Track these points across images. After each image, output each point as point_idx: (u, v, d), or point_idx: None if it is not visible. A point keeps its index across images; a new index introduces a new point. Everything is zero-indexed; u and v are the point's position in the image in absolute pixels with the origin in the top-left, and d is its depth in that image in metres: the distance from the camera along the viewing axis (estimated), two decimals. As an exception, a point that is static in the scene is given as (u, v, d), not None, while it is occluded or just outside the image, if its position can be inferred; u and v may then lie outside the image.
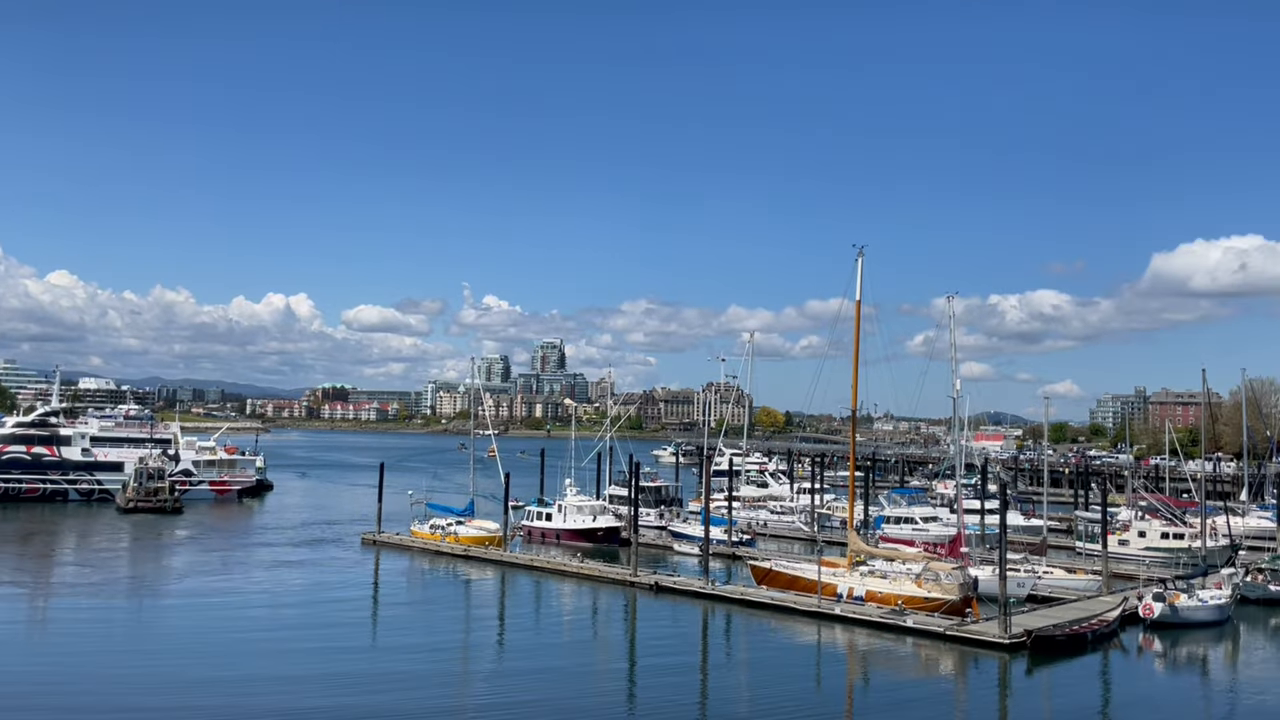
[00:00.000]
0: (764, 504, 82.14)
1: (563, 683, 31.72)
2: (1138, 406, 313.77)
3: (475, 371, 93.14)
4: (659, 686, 31.88)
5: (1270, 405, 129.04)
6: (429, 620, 41.81)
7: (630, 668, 35.32)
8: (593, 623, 43.66)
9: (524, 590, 49.76)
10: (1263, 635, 43.76)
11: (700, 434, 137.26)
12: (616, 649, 38.57)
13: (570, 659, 35.63)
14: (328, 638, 37.47)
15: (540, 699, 29.33)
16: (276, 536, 67.46)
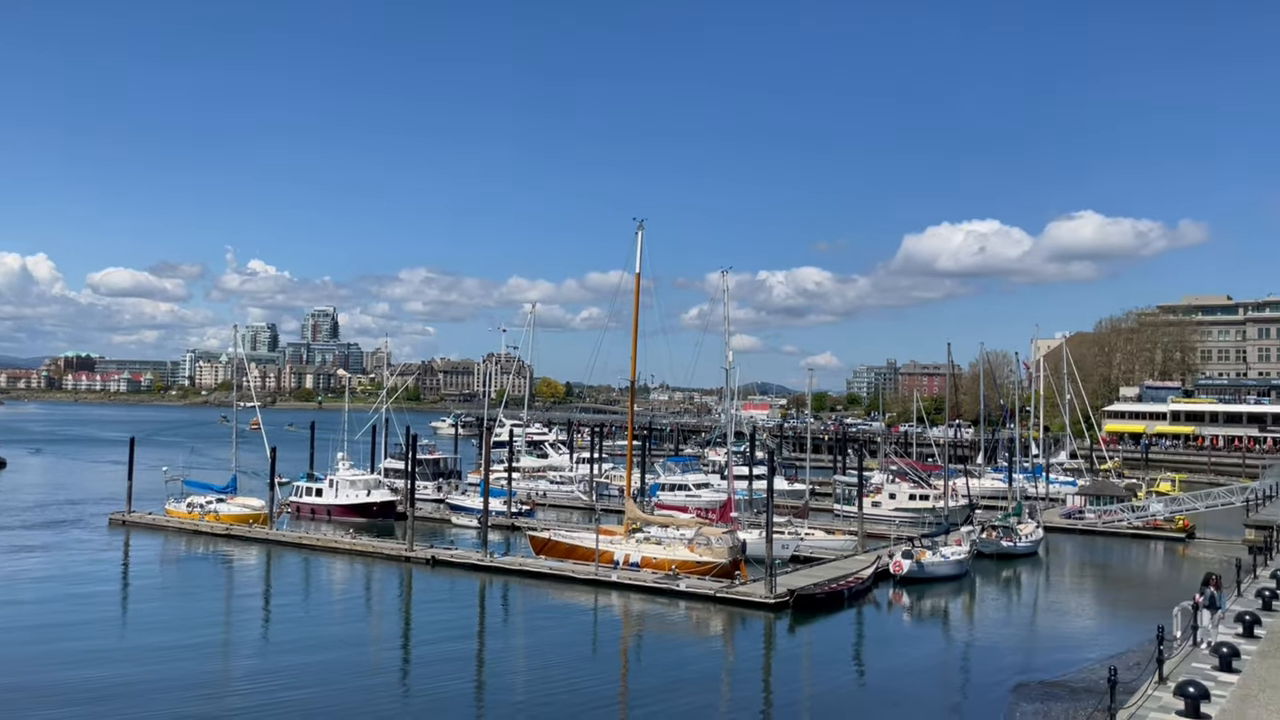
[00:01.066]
0: (543, 474, 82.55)
1: (334, 664, 30.59)
2: (889, 377, 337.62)
3: (239, 340, 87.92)
4: (435, 661, 31.38)
5: (1004, 376, 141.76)
6: (185, 607, 39.08)
7: (405, 644, 34.59)
8: (366, 600, 42.44)
9: (292, 570, 47.68)
10: (995, 586, 48.18)
11: (480, 405, 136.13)
12: (391, 626, 37.67)
13: (342, 639, 34.40)
14: (69, 634, 34.31)
15: (311, 686, 28.14)
16: (10, 519, 61.23)
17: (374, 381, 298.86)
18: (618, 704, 27.61)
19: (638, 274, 49.39)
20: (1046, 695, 27.84)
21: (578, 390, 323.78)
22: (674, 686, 28.60)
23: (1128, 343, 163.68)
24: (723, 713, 27.02)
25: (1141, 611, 39.71)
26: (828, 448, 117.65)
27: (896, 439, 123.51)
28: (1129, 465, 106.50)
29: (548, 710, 26.02)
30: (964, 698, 28.82)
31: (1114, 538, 63.47)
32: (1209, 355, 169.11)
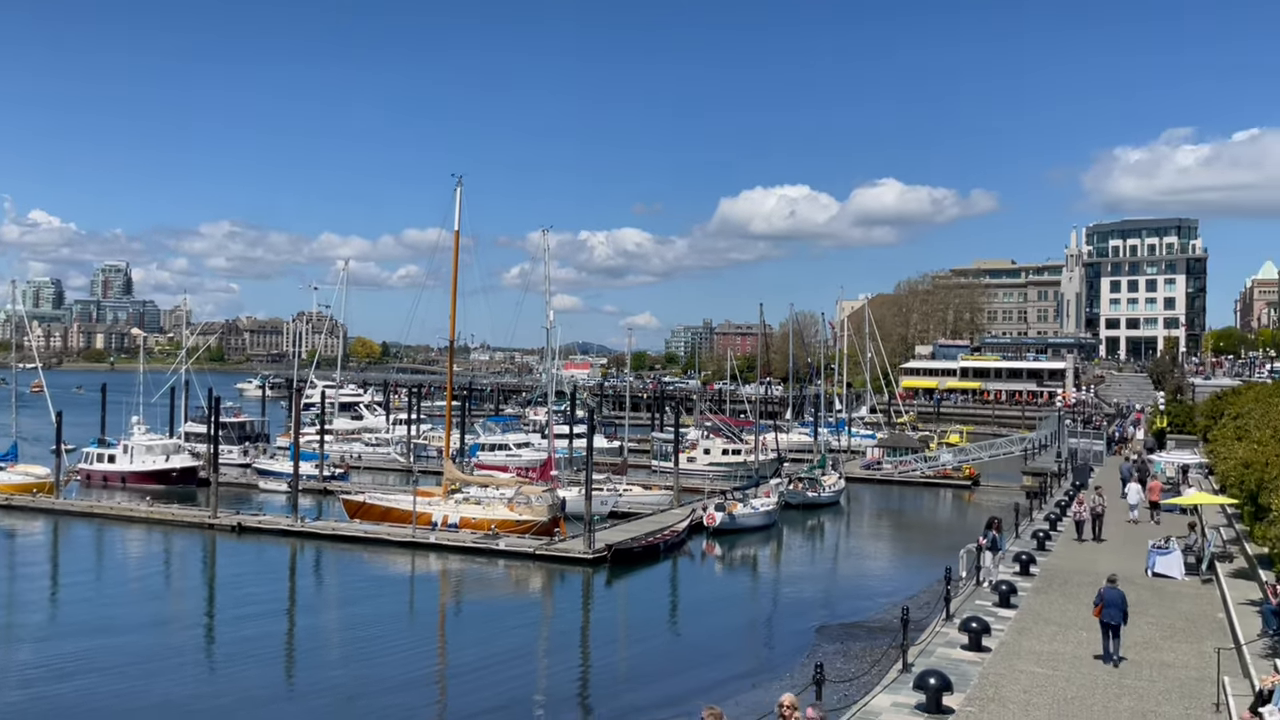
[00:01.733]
0: (358, 437, 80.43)
1: (131, 631, 29.01)
2: (705, 337, 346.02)
3: (18, 297, 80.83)
4: (242, 626, 30.28)
5: (811, 335, 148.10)
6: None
7: (209, 614, 33.20)
8: (166, 570, 40.39)
9: (83, 541, 44.75)
10: (800, 534, 50.64)
11: (290, 366, 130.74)
12: (194, 596, 36.03)
13: (139, 613, 32.58)
14: None
15: (106, 650, 26.62)
16: None
17: (173, 341, 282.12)
18: (436, 665, 27.49)
19: (456, 231, 48.59)
20: (846, 635, 29.62)
21: (395, 350, 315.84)
22: (493, 644, 28.69)
23: (923, 304, 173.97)
24: (542, 668, 27.38)
25: (932, 555, 42.66)
26: (646, 406, 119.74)
27: (711, 396, 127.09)
28: (923, 419, 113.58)
29: (364, 678, 25.60)
30: (771, 641, 30.29)
31: (908, 486, 67.85)
32: (994, 315, 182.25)
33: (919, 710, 16.80)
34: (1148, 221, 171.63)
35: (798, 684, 23.04)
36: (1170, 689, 18.39)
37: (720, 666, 26.68)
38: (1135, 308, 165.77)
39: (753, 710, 21.34)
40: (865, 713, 16.91)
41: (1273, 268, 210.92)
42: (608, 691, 24.98)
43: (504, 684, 24.89)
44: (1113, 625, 20.45)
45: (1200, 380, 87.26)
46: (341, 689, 24.18)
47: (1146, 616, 23.86)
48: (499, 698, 23.75)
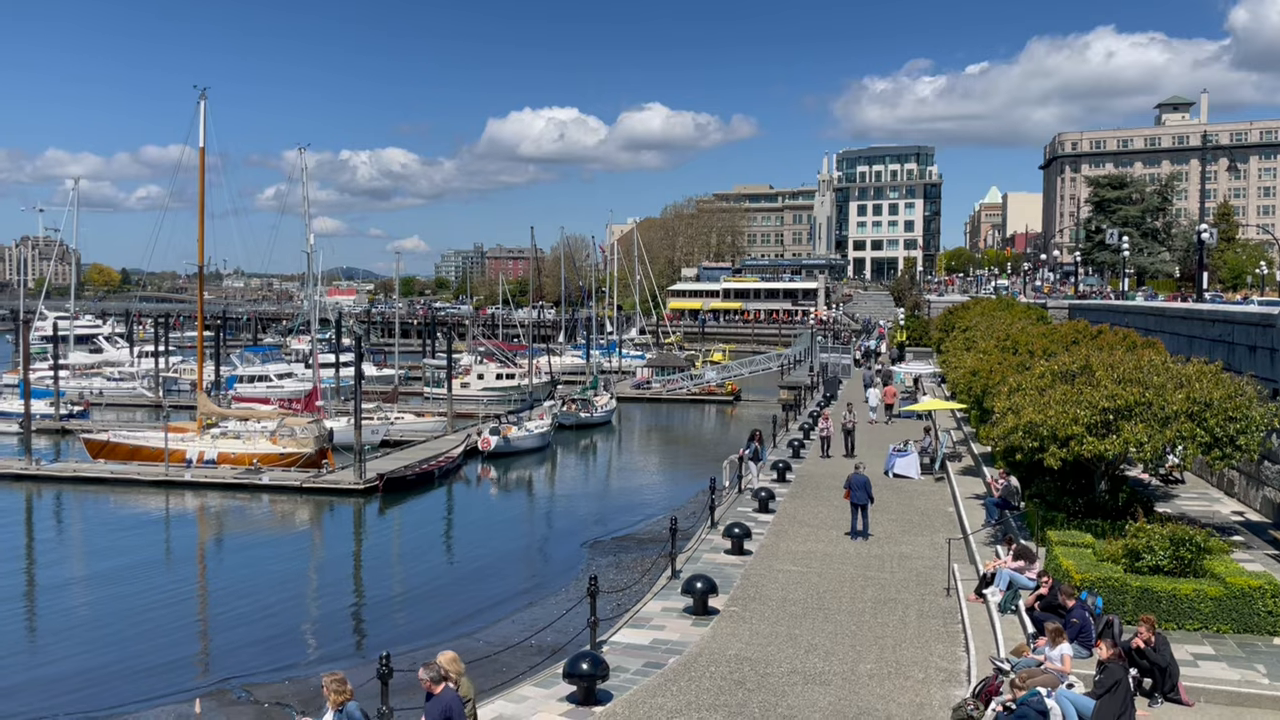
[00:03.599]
0: (99, 371, 74.27)
1: None
2: (477, 261, 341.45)
3: None
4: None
5: (583, 259, 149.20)
6: None
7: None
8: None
9: None
10: (574, 455, 51.60)
11: (15, 295, 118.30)
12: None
13: None
14: None
15: None
16: None
17: None
18: (197, 606, 26.23)
19: (201, 148, 45.15)
20: (619, 548, 30.67)
21: (136, 278, 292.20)
22: (259, 579, 27.71)
23: (689, 227, 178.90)
24: (312, 599, 26.73)
25: (698, 467, 44.67)
26: (417, 332, 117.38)
27: (484, 321, 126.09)
28: (689, 339, 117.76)
29: (115, 614, 24.12)
30: (547, 559, 30.90)
31: (676, 404, 70.45)
32: (754, 238, 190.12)
33: (687, 613, 17.74)
34: (890, 149, 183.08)
35: (572, 598, 23.72)
36: (909, 577, 20.31)
37: (497, 586, 27.02)
38: (879, 230, 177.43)
39: (529, 626, 21.84)
40: (637, 619, 17.68)
41: (997, 193, 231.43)
42: (383, 617, 24.78)
43: (272, 620, 24.14)
44: (860, 505, 23.74)
45: (935, 297, 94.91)
46: (91, 638, 22.66)
47: (888, 514, 26.12)
48: (266, 633, 23.02)
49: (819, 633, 16.77)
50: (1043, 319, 44.66)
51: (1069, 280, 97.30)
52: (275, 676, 20.11)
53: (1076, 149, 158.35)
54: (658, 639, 16.53)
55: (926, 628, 17.09)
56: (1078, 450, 18.45)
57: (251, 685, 19.55)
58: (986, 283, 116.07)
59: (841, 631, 16.86)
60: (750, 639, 16.46)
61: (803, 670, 15.03)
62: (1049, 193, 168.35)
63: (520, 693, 14.49)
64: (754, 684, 14.46)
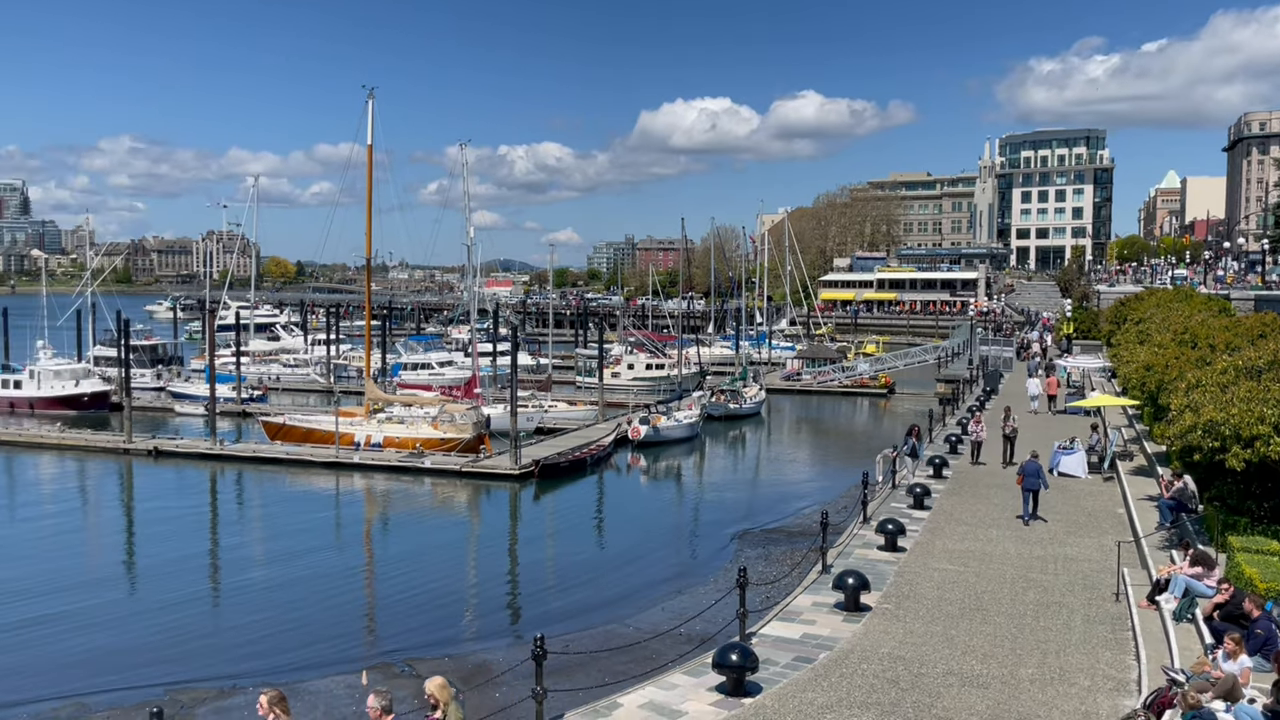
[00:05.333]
0: (276, 358, 78.91)
1: (51, 556, 28.45)
2: (627, 252, 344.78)
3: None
4: (164, 549, 29.90)
5: (733, 250, 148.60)
6: None
7: (129, 534, 32.72)
8: (82, 494, 39.51)
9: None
10: (722, 445, 51.58)
11: (201, 286, 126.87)
12: (112, 518, 35.43)
13: (56, 531, 32.01)
14: None
15: (25, 575, 26.07)
16: None
17: (76, 263, 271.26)
18: (364, 581, 27.59)
19: (370, 146, 47.25)
20: (768, 540, 30.48)
21: (310, 269, 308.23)
22: (422, 558, 28.90)
23: (842, 216, 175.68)
24: (471, 580, 27.67)
25: (849, 461, 43.91)
26: (570, 323, 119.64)
27: (634, 312, 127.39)
28: (840, 330, 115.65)
29: (290, 590, 25.62)
30: (695, 548, 31.02)
31: (826, 396, 69.36)
32: (910, 227, 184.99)
33: (838, 609, 17.48)
34: (1057, 132, 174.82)
35: (721, 588, 23.72)
36: (1074, 581, 19.41)
37: (646, 574, 27.29)
38: (1045, 217, 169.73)
39: (678, 615, 21.99)
40: (787, 613, 17.54)
41: (1175, 177, 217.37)
42: (536, 599, 25.40)
43: (432, 597, 25.13)
44: (1033, 490, 23.85)
45: (1105, 287, 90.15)
46: (267, 610, 24.14)
47: (1053, 514, 25.02)
48: (427, 610, 23.99)
49: (977, 634, 16.24)
50: (1225, 311, 41.83)
51: (1255, 270, 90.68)
52: (435, 652, 20.92)
53: (1265, 129, 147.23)
54: (808, 633, 16.36)
55: (1093, 633, 16.30)
56: (1264, 451, 17.23)
57: (413, 660, 20.41)
58: (1163, 273, 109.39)
59: (1001, 634, 16.27)
60: (904, 638, 16.10)
61: (959, 672, 14.60)
62: (1233, 176, 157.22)
63: (670, 680, 14.62)
64: (908, 684, 14.14)
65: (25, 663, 20.23)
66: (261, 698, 8.99)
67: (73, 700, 18.19)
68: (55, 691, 18.63)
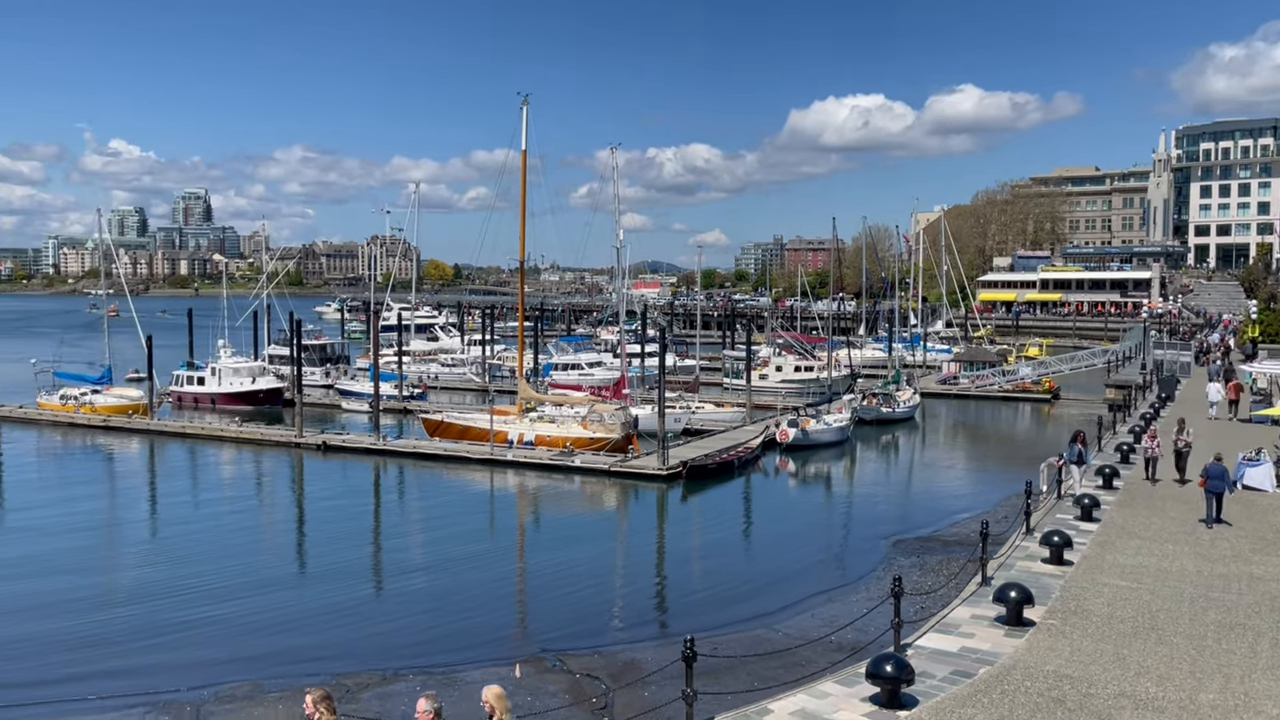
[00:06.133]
0: (434, 357, 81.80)
1: (227, 543, 30.31)
2: (776, 253, 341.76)
3: (104, 225, 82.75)
4: (331, 540, 31.42)
5: (885, 249, 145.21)
6: (69, 501, 37.93)
7: (299, 525, 34.48)
8: (257, 485, 41.94)
9: (177, 459, 46.57)
10: (874, 450, 50.39)
11: (366, 289, 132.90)
12: (284, 508, 37.42)
13: (234, 520, 34.09)
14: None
15: (204, 560, 27.89)
16: None
17: (253, 266, 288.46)
18: (516, 575, 28.21)
19: (524, 151, 48.34)
20: (923, 549, 29.55)
21: (466, 272, 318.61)
22: (571, 557, 29.31)
23: (1002, 214, 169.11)
24: (619, 581, 27.90)
25: (1010, 469, 42.17)
26: (717, 324, 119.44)
27: (783, 313, 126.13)
28: (1000, 332, 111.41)
29: (447, 581, 26.44)
30: (846, 554, 30.36)
31: (985, 401, 66.82)
32: (1077, 225, 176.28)
33: (999, 622, 16.74)
34: (1242, 122, 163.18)
35: (874, 597, 23.14)
36: (1260, 601, 18.03)
37: (795, 580, 26.87)
38: (1227, 213, 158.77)
39: (829, 622, 21.55)
40: (944, 624, 16.92)
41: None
42: (684, 601, 25.37)
43: (582, 594, 25.46)
44: (1217, 494, 22.82)
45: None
46: (426, 601, 24.97)
47: (1237, 530, 23.34)
48: (577, 606, 24.33)
49: (1151, 655, 15.25)
50: None
51: None
52: (584, 648, 21.17)
53: None
54: (966, 647, 15.73)
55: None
56: None
57: (564, 655, 20.70)
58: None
59: (1178, 655, 15.23)
60: (1071, 655, 15.27)
61: (1132, 694, 13.73)
62: None
63: (822, 688, 14.31)
64: (1074, 704, 13.39)
65: (205, 645, 21.52)
66: (307, 696, 9.09)
67: (249, 681, 19.24)
68: (232, 673, 19.73)
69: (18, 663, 20.44)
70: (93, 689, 18.94)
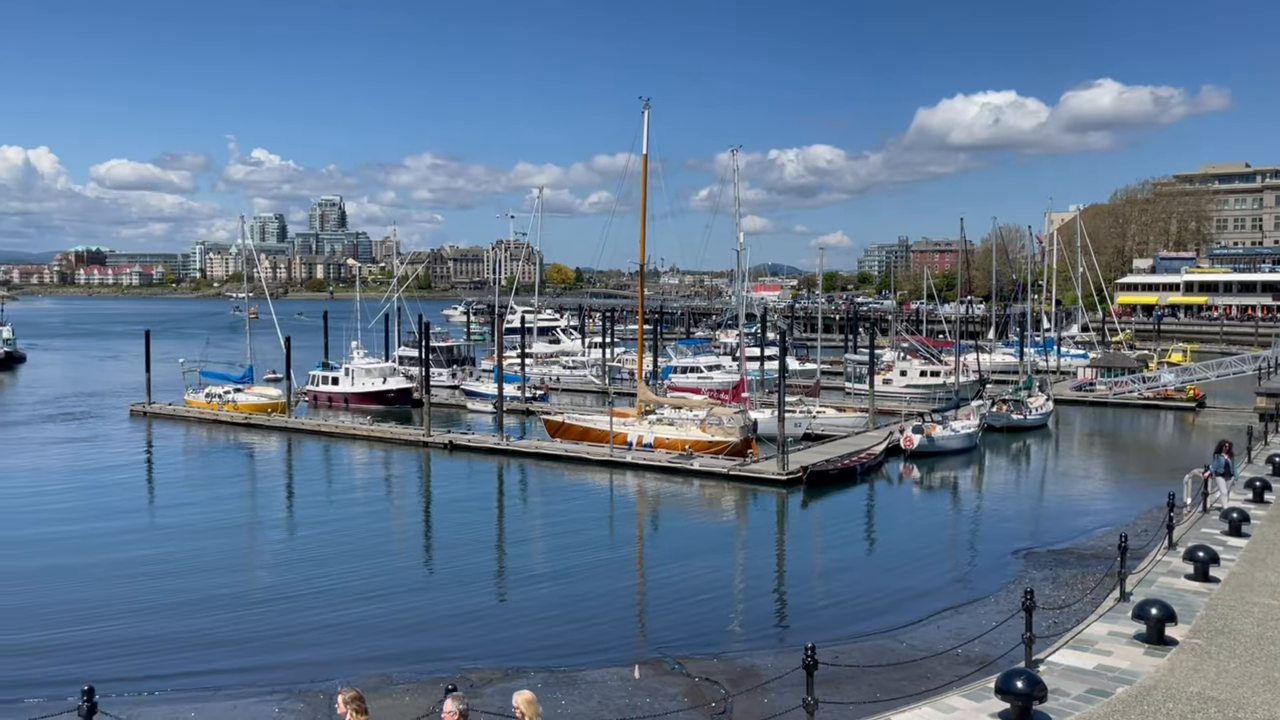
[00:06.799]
0: (556, 360, 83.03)
1: (359, 538, 31.46)
2: (901, 255, 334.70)
3: (246, 231, 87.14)
4: (457, 537, 32.27)
5: (1016, 250, 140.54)
6: (214, 492, 40.01)
7: (427, 521, 35.46)
8: (387, 483, 43.33)
9: (313, 456, 48.54)
10: (1004, 458, 48.77)
11: (491, 292, 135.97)
12: (413, 505, 38.55)
13: (366, 516, 35.34)
14: (108, 519, 35.08)
15: (337, 555, 29.01)
16: (31, 413, 62.26)
17: (384, 270, 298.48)
18: (635, 577, 28.36)
19: (644, 155, 48.55)
20: (1056, 562, 28.42)
21: (587, 275, 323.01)
22: (690, 558, 29.31)
23: (1142, 213, 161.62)
24: (738, 586, 27.74)
25: (1150, 480, 40.23)
26: (839, 327, 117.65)
27: (908, 316, 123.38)
28: (1140, 337, 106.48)
29: (568, 582, 26.77)
30: (973, 565, 29.44)
31: (1124, 408, 63.86)
32: (1225, 224, 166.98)
33: (1138, 640, 15.98)
34: None
35: (1003, 610, 22.39)
36: None
37: (920, 590, 26.17)
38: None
39: (955, 635, 20.95)
40: (1079, 641, 16.24)
41: None
42: (803, 607, 25.05)
43: (700, 597, 25.39)
44: None
45: None
46: (547, 600, 25.34)
47: (1405, 550, 21.66)
48: (695, 610, 24.27)
49: (1308, 682, 14.29)
50: None
51: None
52: (703, 652, 21.10)
53: None
54: (1103, 665, 15.04)
55: None
56: None
57: (683, 659, 20.69)
58: None
59: (1339, 684, 14.23)
60: (1216, 677, 14.44)
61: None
62: None
63: (948, 702, 13.90)
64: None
65: (337, 641, 22.32)
66: (339, 697, 9.20)
67: (379, 674, 19.88)
68: (362, 667, 20.40)
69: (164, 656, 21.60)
70: (232, 680, 19.84)
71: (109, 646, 21.55)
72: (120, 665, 20.37)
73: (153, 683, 19.64)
